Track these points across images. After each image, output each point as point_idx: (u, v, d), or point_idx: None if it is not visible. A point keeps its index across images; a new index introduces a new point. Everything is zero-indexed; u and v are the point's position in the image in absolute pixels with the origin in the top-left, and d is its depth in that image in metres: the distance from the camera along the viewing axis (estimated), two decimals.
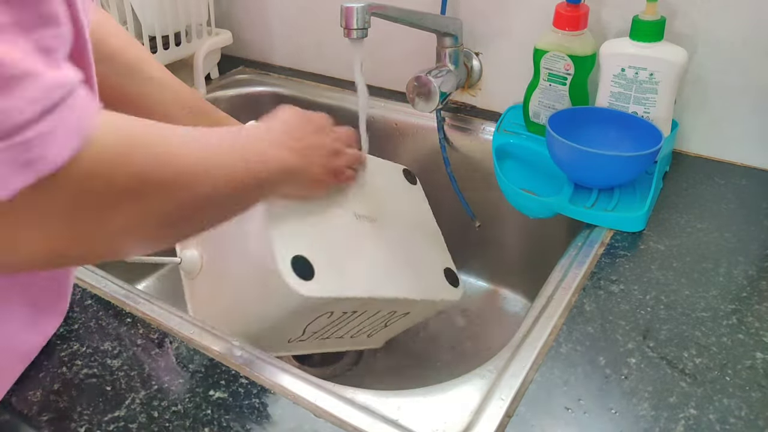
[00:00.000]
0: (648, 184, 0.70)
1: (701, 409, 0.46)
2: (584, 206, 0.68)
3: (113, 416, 0.47)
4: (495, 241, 0.92)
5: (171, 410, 0.47)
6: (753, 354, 0.50)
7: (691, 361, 0.50)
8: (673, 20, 0.74)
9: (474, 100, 0.94)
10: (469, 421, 0.45)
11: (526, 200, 0.74)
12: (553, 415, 0.46)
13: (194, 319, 0.56)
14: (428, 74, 0.81)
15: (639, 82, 0.71)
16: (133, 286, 0.60)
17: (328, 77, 1.07)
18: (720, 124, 0.77)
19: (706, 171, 0.76)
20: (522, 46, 0.85)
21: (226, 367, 0.51)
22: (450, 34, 0.83)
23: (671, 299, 0.56)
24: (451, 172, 0.90)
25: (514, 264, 0.92)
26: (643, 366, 0.49)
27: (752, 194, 0.71)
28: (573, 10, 0.73)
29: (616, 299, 0.56)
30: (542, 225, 0.80)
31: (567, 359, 0.50)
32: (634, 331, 0.53)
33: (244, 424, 0.46)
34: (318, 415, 0.46)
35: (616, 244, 0.64)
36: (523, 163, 0.81)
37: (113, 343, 0.53)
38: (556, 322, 0.54)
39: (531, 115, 0.82)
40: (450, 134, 0.91)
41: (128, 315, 0.56)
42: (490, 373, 0.49)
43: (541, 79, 0.78)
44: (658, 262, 0.61)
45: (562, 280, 0.59)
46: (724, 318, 0.54)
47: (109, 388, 0.49)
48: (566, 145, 0.66)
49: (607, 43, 0.73)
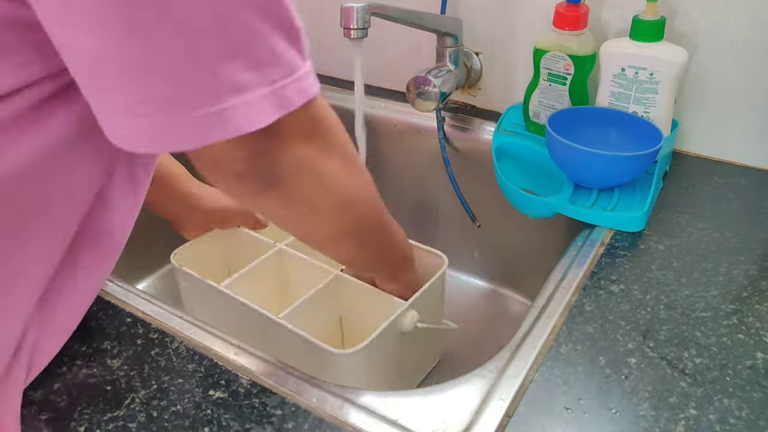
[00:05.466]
0: (648, 184, 0.70)
1: (701, 409, 0.46)
2: (584, 206, 0.68)
3: (113, 416, 0.47)
4: (495, 241, 0.92)
5: (171, 410, 0.47)
6: (753, 354, 0.50)
7: (691, 361, 0.50)
8: (673, 20, 0.74)
9: (474, 100, 0.94)
10: (469, 421, 0.45)
11: (526, 200, 0.74)
12: (553, 415, 0.46)
13: (194, 319, 0.56)
14: (428, 74, 0.81)
15: (639, 82, 0.71)
16: (133, 286, 0.60)
17: (328, 77, 1.07)
18: (720, 124, 0.77)
19: (706, 171, 0.76)
20: (522, 46, 0.85)
21: (226, 367, 0.51)
22: (450, 34, 0.83)
23: (671, 299, 0.56)
24: (451, 172, 0.90)
25: (514, 264, 0.92)
26: (643, 366, 0.49)
27: (752, 194, 0.71)
28: (573, 10, 0.73)
29: (616, 299, 0.56)
30: (542, 225, 0.80)
31: (567, 359, 0.50)
32: (634, 331, 0.53)
33: (244, 424, 0.46)
34: (318, 415, 0.46)
35: (616, 244, 0.64)
36: (523, 163, 0.81)
37: (113, 343, 0.53)
38: (556, 322, 0.54)
39: (531, 115, 0.82)
40: (450, 134, 0.91)
41: (128, 315, 0.56)
42: (490, 373, 0.49)
43: (541, 79, 0.78)
44: (658, 262, 0.61)
45: (562, 280, 0.59)
46: (724, 318, 0.54)
47: (108, 387, 0.49)
48: (566, 145, 0.66)
49: (607, 43, 0.73)
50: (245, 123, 0.35)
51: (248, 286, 0.68)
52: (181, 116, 0.33)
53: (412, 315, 0.61)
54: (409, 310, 0.61)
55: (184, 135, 0.34)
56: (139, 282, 0.94)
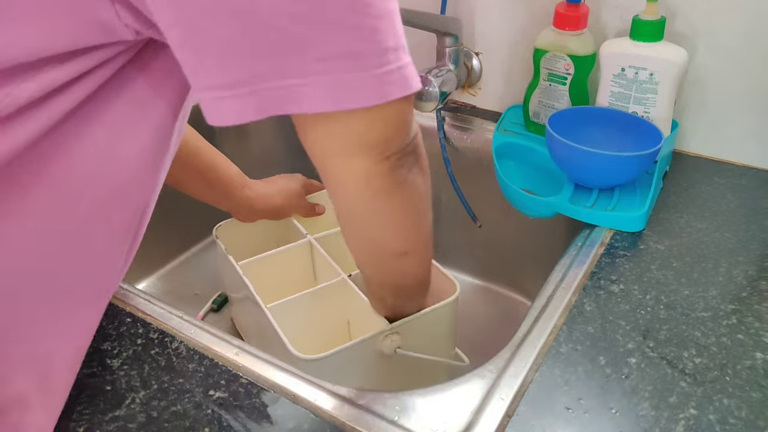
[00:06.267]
0: (648, 184, 0.70)
1: (701, 409, 0.46)
2: (584, 206, 0.68)
3: (113, 416, 0.47)
4: (495, 241, 0.92)
5: (171, 410, 0.47)
6: (753, 354, 0.50)
7: (691, 361, 0.50)
8: (673, 20, 0.74)
9: (474, 99, 0.94)
10: (469, 421, 0.45)
11: (526, 200, 0.74)
12: (554, 415, 0.46)
13: (194, 319, 0.56)
14: (428, 74, 0.81)
15: (639, 82, 0.71)
16: (133, 285, 0.60)
17: None
18: (720, 124, 0.77)
19: (705, 171, 0.76)
20: (522, 46, 0.85)
21: (226, 367, 0.51)
22: (450, 33, 0.83)
23: (671, 299, 0.56)
24: (451, 172, 0.90)
25: (514, 264, 0.92)
26: (644, 366, 0.49)
27: (752, 194, 0.71)
28: (573, 10, 0.73)
29: (616, 299, 0.56)
30: (542, 225, 0.80)
31: (567, 359, 0.50)
32: (634, 331, 0.53)
33: (244, 424, 0.46)
34: (318, 415, 0.46)
35: (616, 244, 0.64)
36: (523, 163, 0.81)
37: (113, 343, 0.53)
38: (556, 322, 0.54)
39: (531, 115, 0.82)
40: (450, 134, 0.91)
41: (128, 315, 0.56)
42: (490, 373, 0.49)
43: (541, 79, 0.78)
44: (658, 262, 0.61)
45: (562, 279, 0.59)
46: (724, 318, 0.54)
47: (108, 387, 0.49)
48: (566, 145, 0.66)
49: (607, 43, 0.73)
50: (414, 82, 0.37)
51: (270, 271, 0.71)
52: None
53: (392, 339, 0.59)
54: (391, 333, 0.59)
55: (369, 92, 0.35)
56: (139, 282, 0.94)
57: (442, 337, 0.66)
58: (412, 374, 0.63)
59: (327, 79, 0.34)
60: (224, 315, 0.89)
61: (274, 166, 0.99)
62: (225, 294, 0.89)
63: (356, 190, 0.42)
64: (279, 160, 1.06)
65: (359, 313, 0.64)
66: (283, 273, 0.73)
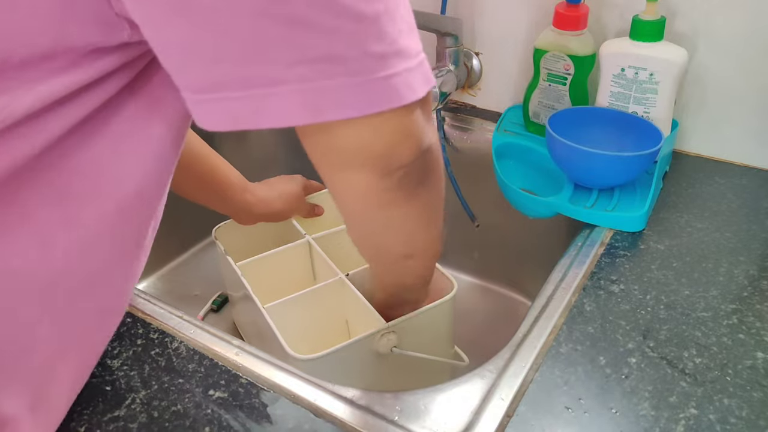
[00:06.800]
0: (648, 184, 0.70)
1: (701, 408, 0.46)
2: (584, 206, 0.68)
3: (113, 416, 0.47)
4: (495, 241, 0.92)
5: (171, 410, 0.47)
6: (754, 354, 0.50)
7: (691, 360, 0.50)
8: (673, 20, 0.74)
9: (474, 100, 0.94)
10: (469, 421, 0.45)
11: (526, 200, 0.74)
12: (554, 415, 0.45)
13: (194, 319, 0.56)
14: None
15: (639, 82, 0.71)
16: None
17: None
18: (720, 124, 0.77)
19: (705, 171, 0.76)
20: (522, 46, 0.85)
21: (225, 367, 0.51)
22: (450, 34, 0.83)
23: (671, 299, 0.56)
24: (451, 172, 0.90)
25: (514, 264, 0.92)
26: (644, 366, 0.49)
27: (752, 194, 0.71)
28: (573, 10, 0.73)
29: (616, 299, 0.56)
30: (542, 225, 0.80)
31: (567, 359, 0.50)
32: (634, 331, 0.53)
33: (244, 424, 0.46)
34: (318, 415, 0.46)
35: (616, 244, 0.64)
36: (523, 163, 0.81)
37: (113, 343, 0.53)
38: (556, 322, 0.54)
39: (531, 115, 0.82)
40: (450, 134, 0.91)
41: (128, 315, 0.56)
42: (490, 373, 0.49)
43: (541, 79, 0.78)
44: (658, 262, 0.61)
45: (562, 280, 0.59)
46: (724, 318, 0.54)
47: (109, 388, 0.49)
48: (566, 145, 0.66)
49: (607, 43, 0.73)
50: (408, 91, 0.33)
51: (269, 271, 0.71)
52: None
53: (388, 338, 0.59)
54: (387, 333, 0.59)
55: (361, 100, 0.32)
56: (140, 282, 0.94)
57: (440, 336, 0.66)
58: (412, 374, 0.63)
59: (301, 87, 0.31)
60: (224, 315, 0.89)
61: (274, 166, 0.99)
62: (225, 294, 0.89)
63: (360, 204, 0.40)
64: (279, 160, 1.06)
65: (358, 313, 0.64)
66: (283, 273, 0.73)
